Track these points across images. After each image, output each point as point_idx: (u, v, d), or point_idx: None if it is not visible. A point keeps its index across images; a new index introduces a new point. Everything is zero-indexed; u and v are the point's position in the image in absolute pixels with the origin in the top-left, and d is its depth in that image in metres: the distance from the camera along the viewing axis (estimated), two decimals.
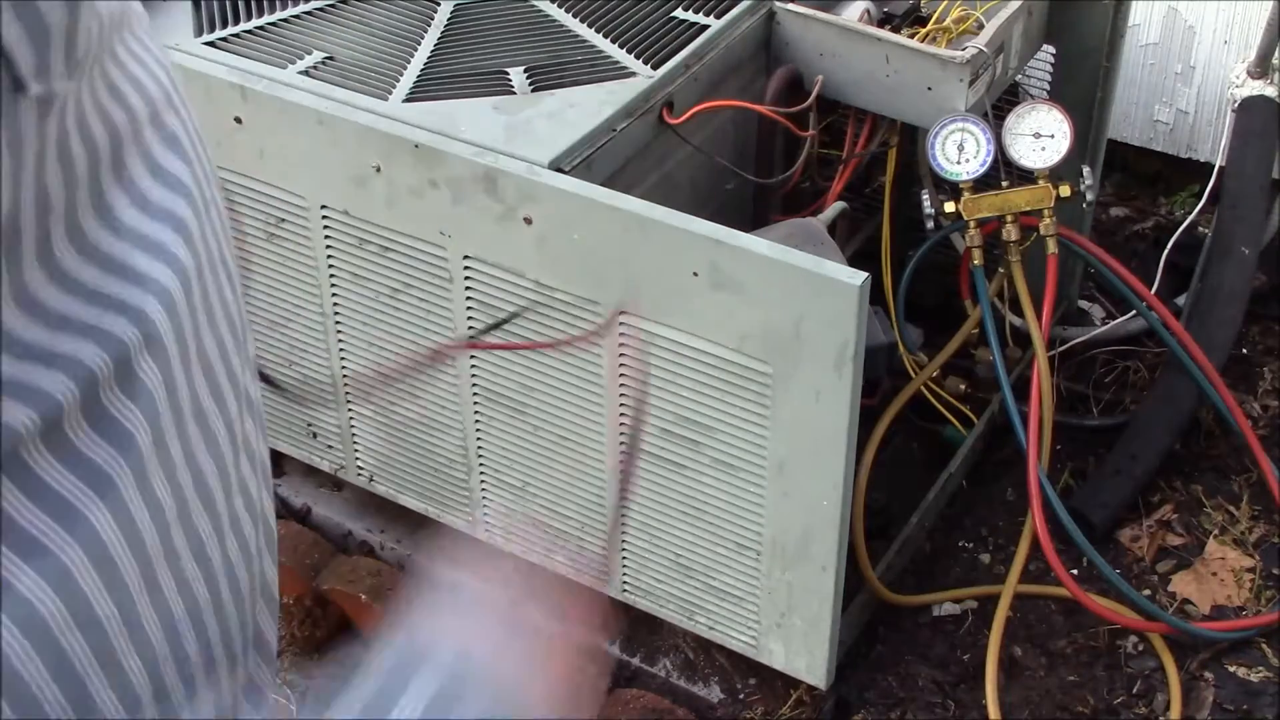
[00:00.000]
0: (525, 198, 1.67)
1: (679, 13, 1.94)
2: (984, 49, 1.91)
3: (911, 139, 2.15)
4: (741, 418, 1.68)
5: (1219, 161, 2.58)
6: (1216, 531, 2.25)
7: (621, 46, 1.88)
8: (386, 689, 0.67)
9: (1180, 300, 2.51)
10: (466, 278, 1.77)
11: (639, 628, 2.08)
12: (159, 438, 0.53)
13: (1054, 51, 2.23)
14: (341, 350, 1.98)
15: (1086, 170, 2.12)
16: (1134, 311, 2.43)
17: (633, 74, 1.83)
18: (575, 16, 1.95)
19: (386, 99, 1.80)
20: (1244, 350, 2.56)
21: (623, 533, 1.88)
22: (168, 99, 0.58)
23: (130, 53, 0.55)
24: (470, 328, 1.82)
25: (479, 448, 1.94)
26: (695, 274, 1.59)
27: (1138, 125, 2.85)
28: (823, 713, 1.99)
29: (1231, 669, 2.06)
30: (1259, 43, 2.51)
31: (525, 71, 1.84)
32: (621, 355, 1.71)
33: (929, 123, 1.92)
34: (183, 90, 0.60)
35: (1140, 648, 2.10)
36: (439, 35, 1.92)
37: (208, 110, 1.84)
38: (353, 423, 2.06)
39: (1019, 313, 2.13)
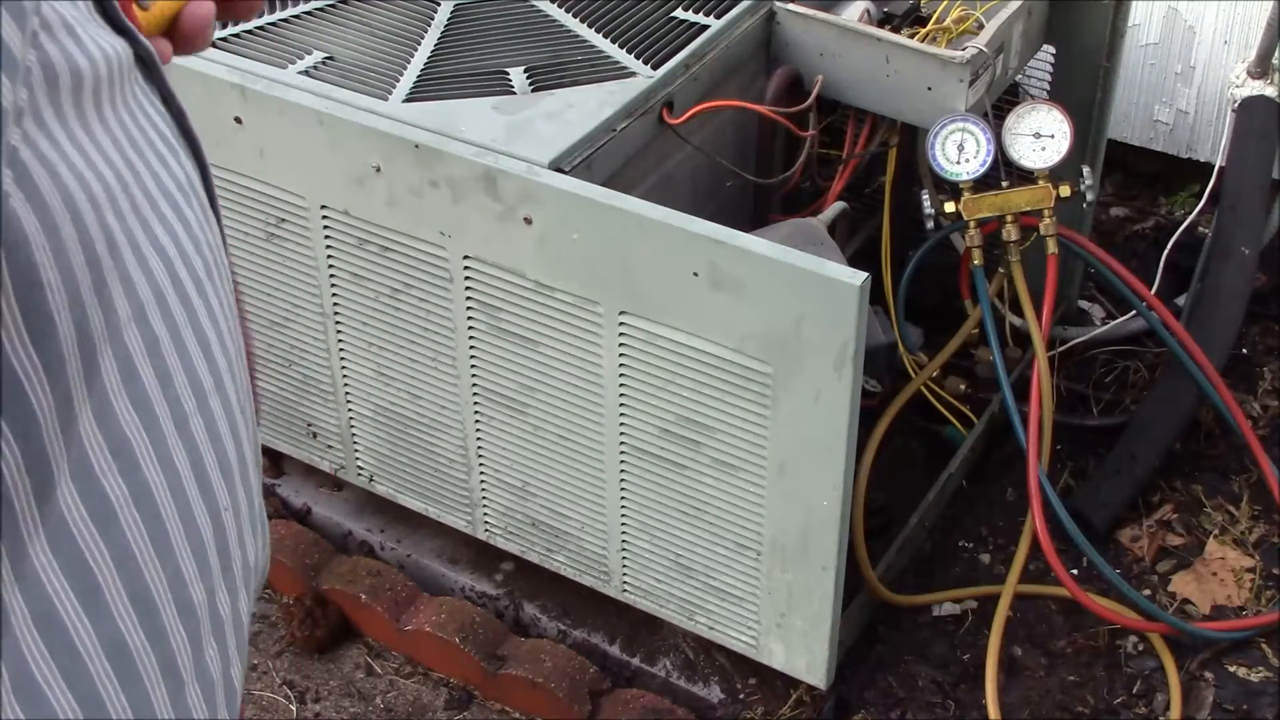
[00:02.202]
0: (525, 198, 1.67)
1: (679, 13, 1.94)
2: (984, 49, 1.91)
3: (911, 139, 2.15)
4: (741, 418, 1.68)
5: (1219, 161, 2.58)
6: (1216, 531, 2.25)
7: (621, 46, 1.88)
8: None
9: (1180, 300, 2.51)
10: (466, 278, 1.77)
11: (639, 628, 2.08)
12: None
13: (1054, 51, 2.23)
14: (341, 350, 1.98)
15: (1086, 170, 2.12)
16: (1134, 311, 2.43)
17: (633, 74, 1.83)
18: (575, 16, 1.95)
19: (386, 99, 1.80)
20: (1244, 350, 2.56)
21: (622, 532, 1.88)
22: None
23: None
24: (470, 328, 1.82)
25: (479, 448, 1.94)
26: (695, 274, 1.59)
27: (1138, 125, 2.84)
28: (823, 713, 1.99)
29: (1231, 669, 2.06)
30: (1259, 43, 2.51)
31: (525, 71, 1.84)
32: (621, 355, 1.71)
33: (929, 123, 1.92)
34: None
35: (1140, 648, 2.10)
36: (439, 35, 1.92)
37: (208, 110, 1.84)
38: (353, 423, 2.06)
39: (1019, 313, 2.13)
